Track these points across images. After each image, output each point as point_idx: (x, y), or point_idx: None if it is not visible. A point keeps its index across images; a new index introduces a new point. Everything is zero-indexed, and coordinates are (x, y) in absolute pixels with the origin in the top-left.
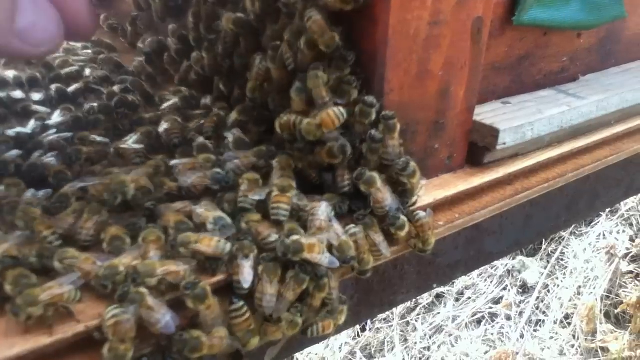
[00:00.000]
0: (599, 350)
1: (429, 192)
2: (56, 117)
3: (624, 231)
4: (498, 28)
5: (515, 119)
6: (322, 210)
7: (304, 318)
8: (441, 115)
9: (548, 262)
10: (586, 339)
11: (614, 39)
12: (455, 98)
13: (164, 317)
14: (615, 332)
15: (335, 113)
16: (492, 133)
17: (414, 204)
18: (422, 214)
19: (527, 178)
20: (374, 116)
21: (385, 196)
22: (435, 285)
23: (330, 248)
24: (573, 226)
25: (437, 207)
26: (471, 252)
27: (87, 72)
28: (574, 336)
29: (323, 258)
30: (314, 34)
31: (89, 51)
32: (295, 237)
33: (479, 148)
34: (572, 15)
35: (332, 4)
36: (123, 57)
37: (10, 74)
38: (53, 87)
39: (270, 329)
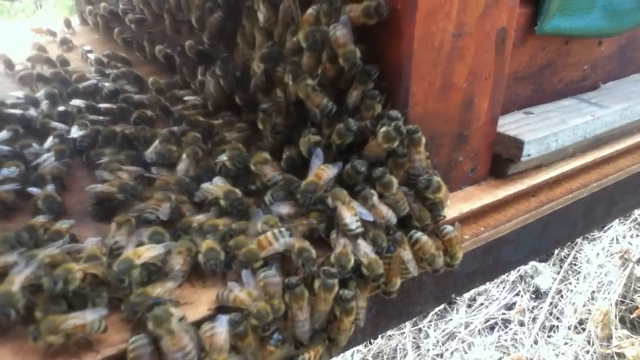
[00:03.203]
0: (614, 356)
1: (454, 205)
2: (75, 133)
3: (637, 235)
4: (520, 38)
5: (539, 129)
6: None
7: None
8: (465, 127)
9: (561, 267)
10: (601, 345)
11: (635, 45)
12: (479, 110)
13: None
14: (631, 337)
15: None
16: (517, 145)
17: (444, 217)
18: (449, 228)
19: (551, 189)
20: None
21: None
22: (453, 296)
23: (359, 266)
24: None
25: (463, 220)
26: (489, 262)
27: (105, 85)
28: (588, 342)
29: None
30: (339, 47)
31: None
32: None
33: (502, 160)
34: (594, 24)
35: (356, 18)
36: (138, 70)
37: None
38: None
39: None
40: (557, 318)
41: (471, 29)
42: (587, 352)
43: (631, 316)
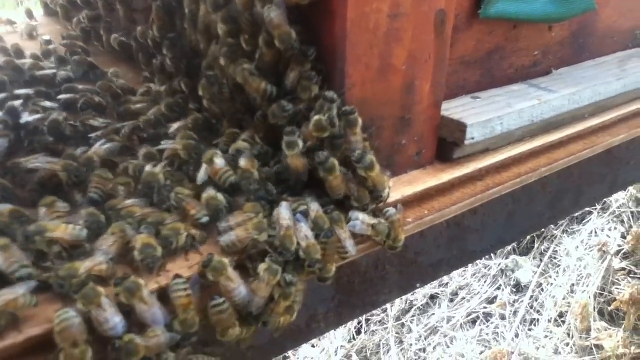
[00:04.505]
0: (593, 348)
1: (397, 188)
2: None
3: (615, 228)
4: (465, 22)
5: (484, 113)
6: (284, 210)
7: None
8: (407, 110)
9: (541, 260)
10: (580, 337)
11: (587, 32)
12: (421, 92)
13: (112, 318)
14: (609, 329)
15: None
16: (460, 128)
17: (386, 198)
18: (392, 210)
19: (498, 173)
20: (334, 111)
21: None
22: (418, 285)
23: (297, 249)
24: (565, 224)
25: (406, 203)
26: (454, 251)
27: (61, 74)
28: (568, 334)
29: None
30: (274, 28)
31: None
32: None
33: (448, 143)
34: (541, 8)
35: None
36: (97, 60)
37: None
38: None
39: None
40: (538, 311)
41: (407, 10)
42: (567, 344)
43: (609, 308)
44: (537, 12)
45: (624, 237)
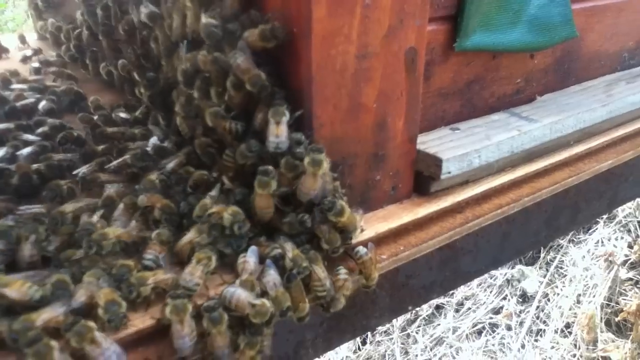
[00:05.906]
0: (600, 359)
1: (371, 224)
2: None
3: (622, 238)
4: (441, 55)
5: (461, 146)
6: (251, 253)
7: None
8: (380, 147)
9: (547, 270)
10: (587, 348)
11: (572, 57)
12: (394, 129)
13: None
14: (616, 340)
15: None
16: (436, 162)
17: (355, 238)
18: (362, 250)
19: (478, 205)
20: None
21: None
22: (410, 308)
23: (264, 296)
24: (571, 233)
25: (380, 240)
26: (446, 273)
27: (44, 105)
28: (575, 345)
29: None
30: (243, 73)
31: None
32: None
33: (424, 177)
34: (520, 38)
35: (253, 42)
36: (84, 86)
37: None
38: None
39: None
40: (544, 322)
41: (376, 49)
42: (574, 355)
43: (616, 319)
44: (516, 42)
45: (630, 246)
